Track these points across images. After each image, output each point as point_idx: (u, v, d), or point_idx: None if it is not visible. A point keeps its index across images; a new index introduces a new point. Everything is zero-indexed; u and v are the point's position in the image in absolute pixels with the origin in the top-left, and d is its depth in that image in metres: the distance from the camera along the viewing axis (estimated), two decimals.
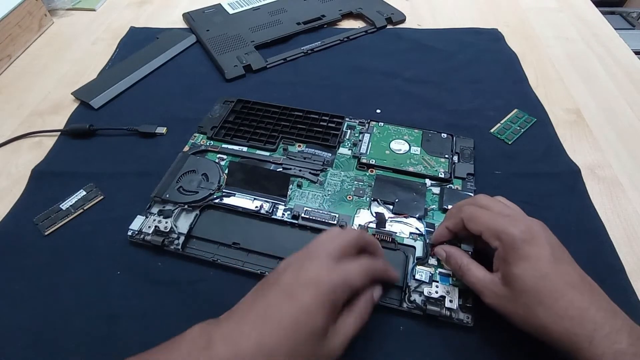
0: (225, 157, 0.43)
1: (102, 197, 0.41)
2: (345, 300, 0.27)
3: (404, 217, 0.37)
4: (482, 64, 0.56)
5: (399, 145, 0.44)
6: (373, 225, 0.37)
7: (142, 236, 0.36)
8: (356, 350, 0.30)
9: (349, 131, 0.46)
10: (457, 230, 0.32)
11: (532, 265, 0.26)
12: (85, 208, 0.40)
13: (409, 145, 0.44)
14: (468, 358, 0.30)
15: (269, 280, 0.27)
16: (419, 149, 0.43)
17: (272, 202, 0.39)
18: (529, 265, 0.26)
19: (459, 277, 0.31)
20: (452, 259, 0.32)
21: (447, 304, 0.31)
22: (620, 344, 0.23)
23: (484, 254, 0.31)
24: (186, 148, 0.44)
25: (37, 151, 0.46)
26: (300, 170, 0.41)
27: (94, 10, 0.70)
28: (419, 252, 0.35)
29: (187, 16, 0.66)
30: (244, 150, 0.44)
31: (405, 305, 0.32)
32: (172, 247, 0.36)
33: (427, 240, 0.35)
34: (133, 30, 0.65)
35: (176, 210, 0.38)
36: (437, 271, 0.33)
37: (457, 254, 0.31)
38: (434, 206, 0.38)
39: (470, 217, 0.31)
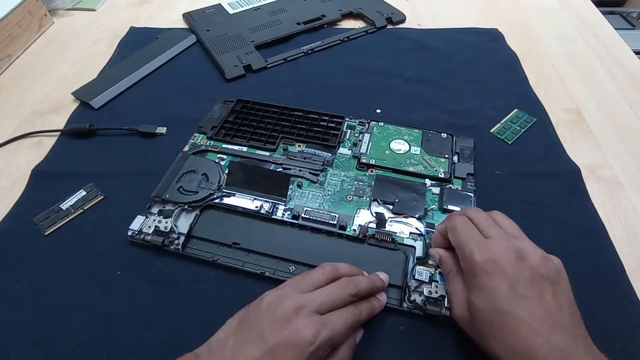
0: (225, 157, 0.43)
1: (102, 197, 0.41)
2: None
3: (404, 217, 0.37)
4: (482, 64, 0.56)
5: (399, 145, 0.44)
6: (373, 225, 0.37)
7: (142, 236, 0.36)
8: (356, 350, 0.31)
9: (349, 131, 0.46)
10: (444, 236, 0.32)
11: (488, 297, 0.26)
12: (85, 208, 0.40)
13: (409, 145, 0.44)
14: (468, 358, 0.30)
15: (249, 321, 0.27)
16: (419, 149, 0.43)
17: (272, 202, 0.39)
18: (484, 297, 0.26)
19: (445, 281, 0.32)
20: (442, 264, 0.32)
21: (447, 303, 0.31)
22: None
23: None
24: (186, 148, 0.44)
25: (37, 151, 0.46)
26: (300, 170, 0.41)
27: (94, 10, 0.70)
28: (419, 252, 0.35)
29: (187, 16, 0.66)
30: (244, 150, 0.44)
31: (405, 305, 0.32)
32: (172, 247, 0.36)
33: (427, 241, 0.35)
34: (133, 30, 0.65)
35: (176, 210, 0.38)
36: (437, 271, 0.33)
37: (447, 261, 0.32)
38: (434, 206, 0.38)
39: (453, 228, 0.30)
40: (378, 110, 0.50)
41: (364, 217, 0.38)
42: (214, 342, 0.27)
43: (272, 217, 0.38)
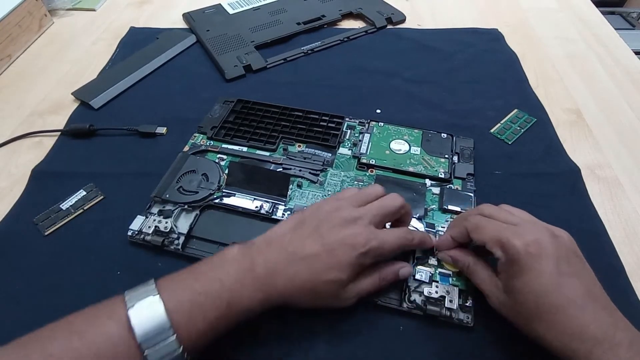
0: (225, 157, 0.43)
1: (102, 197, 0.41)
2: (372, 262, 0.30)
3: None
4: (482, 64, 0.56)
5: (399, 145, 0.44)
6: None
7: (142, 236, 0.36)
8: (356, 349, 0.31)
9: (349, 131, 0.46)
10: (461, 239, 0.32)
11: (533, 280, 0.26)
12: (85, 208, 0.40)
13: (409, 145, 0.44)
14: (468, 358, 0.30)
15: (308, 224, 0.30)
16: (419, 149, 0.43)
17: (272, 202, 0.39)
18: (529, 280, 0.26)
19: (468, 277, 0.31)
20: (459, 262, 0.32)
21: (447, 304, 0.31)
22: (618, 358, 0.23)
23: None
24: (186, 148, 0.44)
25: (37, 151, 0.46)
26: (300, 170, 0.41)
27: (94, 10, 0.70)
28: (418, 252, 0.35)
29: (187, 16, 0.66)
30: (244, 150, 0.44)
31: (405, 305, 0.32)
32: (172, 247, 0.36)
33: None
34: (133, 30, 0.65)
35: (176, 210, 0.38)
36: (437, 271, 0.33)
37: (461, 256, 0.32)
38: (434, 206, 0.38)
39: (476, 226, 0.30)
40: (378, 111, 0.50)
41: None
42: (270, 236, 0.31)
43: (272, 217, 0.38)
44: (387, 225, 0.34)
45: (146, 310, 0.25)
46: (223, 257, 0.29)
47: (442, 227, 0.37)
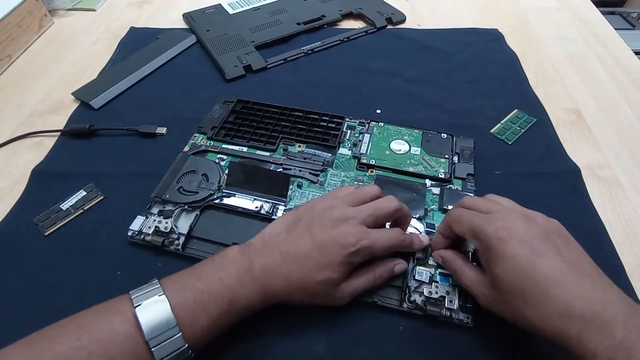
0: (225, 157, 0.43)
1: (102, 197, 0.41)
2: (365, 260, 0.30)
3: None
4: (482, 64, 0.56)
5: (399, 146, 0.44)
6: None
7: (142, 236, 0.36)
8: (357, 349, 0.31)
9: (349, 131, 0.46)
10: (447, 234, 0.32)
11: (510, 264, 0.26)
12: (85, 208, 0.40)
13: (409, 145, 0.44)
14: (468, 358, 0.30)
15: (301, 222, 0.31)
16: (419, 149, 0.43)
17: (272, 203, 0.39)
18: (505, 264, 0.26)
19: (457, 280, 0.31)
20: (447, 264, 0.32)
21: (447, 304, 0.31)
22: (612, 339, 0.22)
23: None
24: (186, 148, 0.44)
25: (37, 151, 0.46)
26: (300, 171, 0.41)
27: (94, 10, 0.70)
28: (419, 253, 0.35)
29: (187, 16, 0.66)
30: (244, 150, 0.44)
31: (405, 305, 0.32)
32: (172, 247, 0.36)
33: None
34: (133, 31, 0.65)
35: (176, 211, 0.38)
36: (437, 271, 0.34)
37: (450, 258, 0.32)
38: (434, 206, 0.38)
39: (454, 218, 0.31)
40: (378, 111, 0.50)
41: None
42: (265, 234, 0.31)
43: (272, 217, 0.38)
44: (387, 225, 0.34)
45: (153, 308, 0.26)
46: (224, 257, 0.30)
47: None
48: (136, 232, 0.36)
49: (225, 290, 0.28)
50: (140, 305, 0.26)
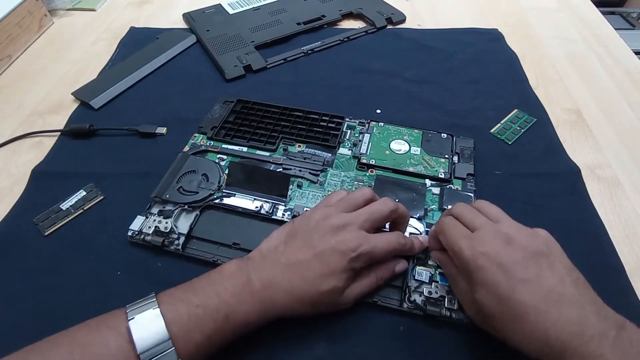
0: (225, 157, 0.43)
1: (102, 197, 0.41)
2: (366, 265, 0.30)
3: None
4: (482, 64, 0.56)
5: (399, 146, 0.44)
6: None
7: (142, 236, 0.36)
8: (357, 349, 0.31)
9: (349, 131, 0.46)
10: (437, 240, 0.32)
11: (490, 291, 0.26)
12: (85, 208, 0.40)
13: (409, 145, 0.44)
14: (468, 358, 0.30)
15: (299, 234, 0.31)
16: (419, 149, 0.43)
17: (272, 203, 0.39)
18: (486, 292, 0.26)
19: (450, 285, 0.32)
20: (444, 267, 0.32)
21: (447, 304, 0.31)
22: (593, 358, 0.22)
23: None
24: (186, 148, 0.44)
25: (37, 151, 0.46)
26: (300, 171, 0.41)
27: (94, 10, 0.70)
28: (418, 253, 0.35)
29: (187, 16, 0.66)
30: (244, 150, 0.44)
31: (405, 305, 0.32)
32: (172, 247, 0.36)
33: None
34: (133, 30, 0.65)
35: (176, 211, 0.38)
36: (437, 271, 0.33)
37: (445, 262, 0.32)
38: (434, 206, 0.38)
39: (441, 230, 0.31)
40: (378, 111, 0.50)
41: None
42: (263, 249, 0.31)
43: (272, 217, 0.38)
44: (388, 225, 0.34)
45: (146, 323, 0.25)
46: (221, 272, 0.29)
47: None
48: (136, 232, 0.36)
49: (222, 305, 0.27)
50: (133, 318, 0.26)
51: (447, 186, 0.40)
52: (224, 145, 0.44)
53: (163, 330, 0.25)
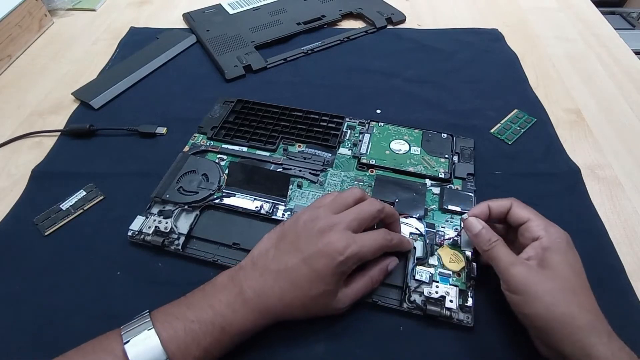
0: (225, 157, 0.43)
1: (102, 197, 0.41)
2: (357, 266, 0.30)
3: (404, 217, 0.37)
4: (482, 64, 0.56)
5: (399, 146, 0.44)
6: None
7: (142, 236, 0.36)
8: (356, 349, 0.31)
9: (349, 131, 0.46)
10: (497, 213, 0.32)
11: (557, 275, 0.27)
12: (85, 208, 0.40)
13: (409, 145, 0.44)
14: (468, 358, 0.30)
15: (288, 237, 0.30)
16: (419, 149, 0.43)
17: (272, 203, 0.39)
18: (565, 259, 0.28)
19: (484, 250, 0.30)
20: (484, 231, 0.31)
21: (447, 304, 0.31)
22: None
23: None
24: (186, 148, 0.44)
25: (37, 151, 0.46)
26: (300, 171, 0.41)
27: (94, 10, 0.70)
28: (419, 253, 0.35)
29: (187, 16, 0.66)
30: (244, 150, 0.44)
31: (405, 305, 0.32)
32: (172, 247, 0.36)
33: (427, 241, 0.35)
34: (133, 30, 0.65)
35: (176, 211, 0.38)
36: (437, 271, 0.34)
37: (488, 232, 0.31)
38: (434, 206, 0.38)
39: (522, 204, 0.32)
40: (378, 111, 0.50)
41: None
42: (255, 254, 0.31)
43: (272, 217, 0.38)
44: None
45: (142, 344, 0.26)
46: (214, 284, 0.30)
47: (442, 227, 0.37)
48: (136, 232, 0.36)
49: (217, 317, 0.27)
50: (129, 341, 0.26)
51: (447, 186, 0.40)
52: (224, 145, 0.44)
53: (160, 351, 0.25)
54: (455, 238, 0.35)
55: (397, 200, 0.38)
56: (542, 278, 0.27)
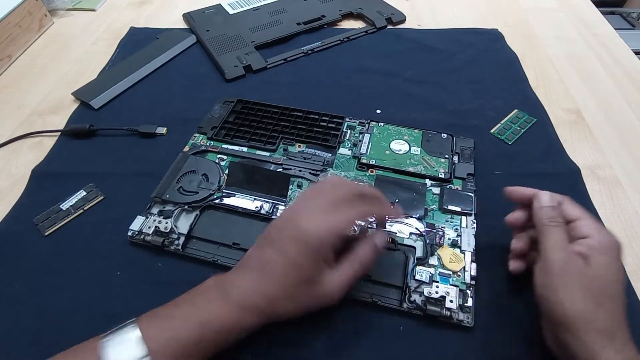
0: (225, 157, 0.43)
1: (102, 197, 0.41)
2: (339, 248, 0.29)
3: (404, 217, 0.37)
4: (482, 64, 0.56)
5: (399, 146, 0.44)
6: (373, 225, 0.37)
7: (142, 236, 0.36)
8: (356, 349, 0.31)
9: (349, 131, 0.46)
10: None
11: (600, 275, 0.27)
12: (85, 208, 0.40)
13: (409, 145, 0.44)
14: (468, 358, 0.30)
15: (269, 235, 0.30)
16: (419, 149, 0.43)
17: (272, 203, 0.39)
18: (609, 263, 0.27)
19: (543, 225, 0.30)
20: (553, 208, 0.30)
21: (447, 304, 0.31)
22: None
23: None
24: (186, 148, 0.44)
25: (37, 151, 0.46)
26: (300, 171, 0.41)
27: (94, 10, 0.70)
28: (419, 253, 0.35)
29: (187, 16, 0.66)
30: (244, 150, 0.44)
31: (405, 305, 0.32)
32: (172, 247, 0.36)
33: (427, 241, 0.35)
34: (133, 31, 0.65)
35: (176, 211, 0.38)
36: (437, 271, 0.34)
37: (559, 209, 0.31)
38: (434, 206, 0.38)
39: (575, 203, 0.31)
40: (378, 111, 0.50)
41: None
42: (244, 257, 0.31)
43: (272, 217, 0.38)
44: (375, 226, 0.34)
45: (119, 337, 0.26)
46: (200, 285, 0.29)
47: (442, 227, 0.37)
48: (136, 232, 0.36)
49: (196, 312, 0.27)
50: (108, 340, 0.26)
51: (447, 186, 0.40)
52: (224, 145, 0.44)
53: (140, 346, 0.25)
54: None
55: (397, 200, 0.38)
56: (582, 272, 0.27)
